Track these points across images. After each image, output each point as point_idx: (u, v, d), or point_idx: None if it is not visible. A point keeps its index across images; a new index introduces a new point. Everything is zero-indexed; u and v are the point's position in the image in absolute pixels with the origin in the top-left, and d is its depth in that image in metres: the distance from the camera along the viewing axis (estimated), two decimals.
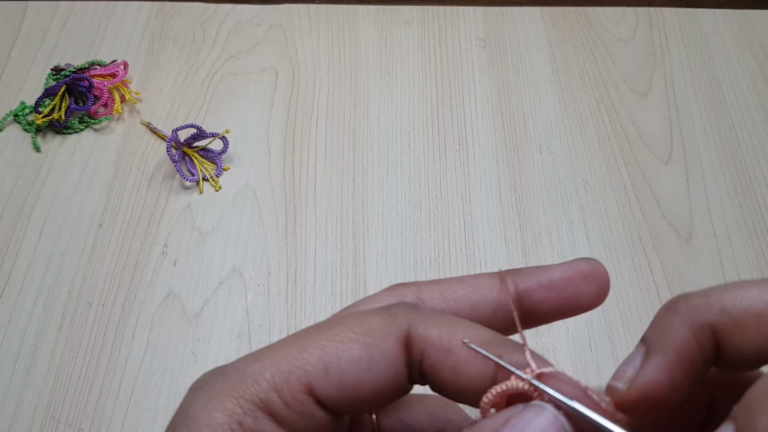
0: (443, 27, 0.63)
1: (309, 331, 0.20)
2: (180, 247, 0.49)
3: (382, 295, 0.22)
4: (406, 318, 0.20)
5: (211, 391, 0.19)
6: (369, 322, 0.20)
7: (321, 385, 0.19)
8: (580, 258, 0.23)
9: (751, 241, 0.50)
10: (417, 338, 0.19)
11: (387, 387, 0.19)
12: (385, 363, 0.19)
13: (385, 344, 0.19)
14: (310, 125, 0.56)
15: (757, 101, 0.59)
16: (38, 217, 0.51)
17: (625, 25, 0.64)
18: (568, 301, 0.22)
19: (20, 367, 0.44)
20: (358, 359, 0.19)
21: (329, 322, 0.20)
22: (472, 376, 0.19)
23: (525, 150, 0.55)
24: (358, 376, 0.19)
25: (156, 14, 0.63)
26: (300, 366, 0.19)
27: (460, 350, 0.19)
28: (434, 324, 0.20)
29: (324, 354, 0.19)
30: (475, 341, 0.19)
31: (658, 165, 0.54)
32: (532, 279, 0.22)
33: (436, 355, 0.19)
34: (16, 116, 0.56)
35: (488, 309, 0.22)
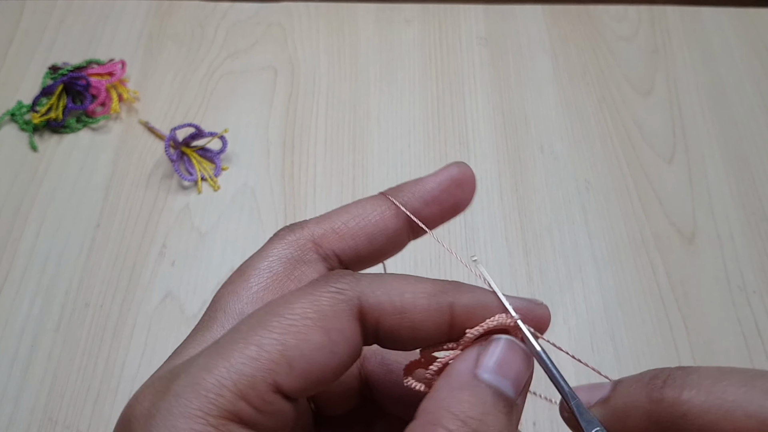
0: (444, 25, 0.63)
1: (256, 324, 0.19)
2: (178, 247, 0.49)
3: (274, 246, 0.22)
4: (354, 291, 0.20)
5: (170, 417, 0.17)
6: (320, 304, 0.19)
7: (287, 380, 0.18)
8: (451, 164, 0.24)
9: (754, 241, 0.50)
10: (370, 308, 0.20)
11: (348, 361, 0.20)
12: (344, 342, 0.19)
13: (342, 323, 0.19)
14: (309, 124, 0.56)
15: (761, 100, 0.58)
16: (35, 217, 0.50)
17: (627, 24, 0.63)
18: (448, 211, 0.24)
19: (17, 368, 0.44)
20: (320, 346, 0.19)
21: (274, 310, 0.19)
22: (430, 328, 0.20)
23: (526, 149, 0.55)
24: (322, 362, 0.19)
25: (154, 12, 0.63)
26: (263, 367, 0.18)
27: (413, 308, 0.20)
28: (382, 290, 0.20)
29: (284, 348, 0.18)
30: (425, 294, 0.20)
31: (660, 164, 0.54)
32: (416, 197, 0.23)
33: (392, 319, 0.20)
34: (13, 115, 0.55)
35: (383, 237, 0.23)
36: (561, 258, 0.49)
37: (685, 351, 0.45)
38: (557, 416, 0.21)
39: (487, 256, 0.49)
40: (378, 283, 0.20)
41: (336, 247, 0.23)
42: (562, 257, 0.49)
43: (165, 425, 0.17)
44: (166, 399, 0.18)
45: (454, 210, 0.24)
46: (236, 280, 0.22)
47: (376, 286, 0.20)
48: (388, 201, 0.23)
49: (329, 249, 0.23)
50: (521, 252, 0.49)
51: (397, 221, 0.23)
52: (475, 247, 0.50)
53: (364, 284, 0.20)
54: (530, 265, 0.49)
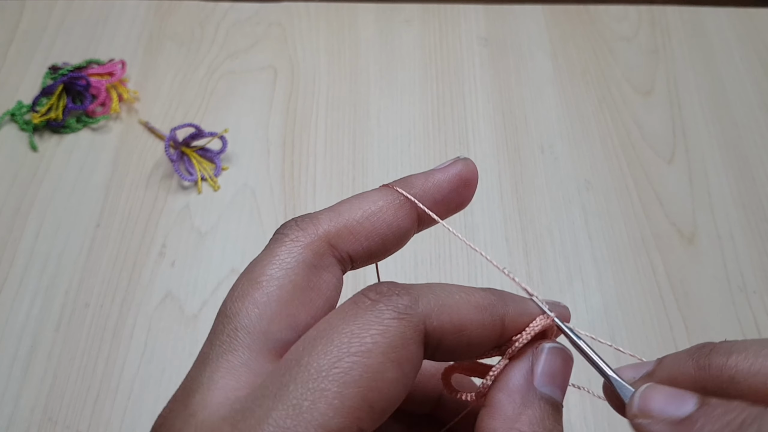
0: (444, 25, 0.63)
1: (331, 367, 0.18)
2: (178, 247, 0.49)
3: (288, 250, 0.21)
4: (418, 314, 0.19)
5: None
6: (389, 335, 0.18)
7: (368, 423, 0.18)
8: (456, 160, 0.24)
9: (754, 241, 0.50)
10: (434, 331, 0.20)
11: (412, 383, 0.20)
12: (413, 369, 0.19)
13: (411, 353, 0.19)
14: (309, 124, 0.56)
15: (761, 100, 0.58)
16: (35, 217, 0.50)
17: (627, 24, 0.63)
18: (454, 209, 0.24)
19: (17, 368, 0.44)
20: (395, 382, 0.18)
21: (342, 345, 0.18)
22: (485, 342, 0.20)
23: (526, 149, 0.55)
24: (397, 396, 0.19)
25: (154, 12, 0.63)
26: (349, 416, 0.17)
27: (471, 327, 0.20)
28: (444, 310, 0.20)
29: (365, 392, 0.18)
30: (479, 308, 0.20)
31: (660, 164, 0.54)
32: (428, 195, 0.23)
33: (452, 338, 0.20)
34: (13, 115, 0.55)
35: (396, 236, 0.23)
36: (561, 258, 0.49)
37: None
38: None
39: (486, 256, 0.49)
40: (436, 301, 0.20)
41: (351, 248, 0.22)
42: (562, 257, 0.49)
43: None
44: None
45: (457, 207, 0.24)
46: (250, 292, 0.20)
47: (435, 305, 0.20)
48: (398, 195, 0.23)
49: (344, 251, 0.22)
50: (521, 252, 0.49)
51: (410, 220, 0.23)
52: (475, 246, 0.50)
53: (424, 304, 0.19)
54: (530, 265, 0.49)
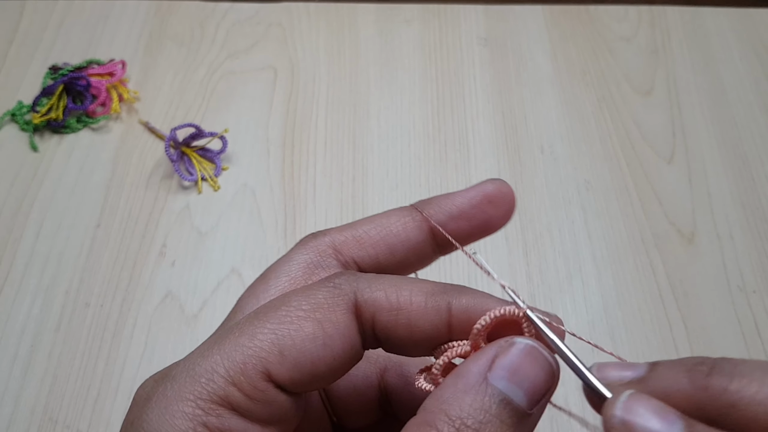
0: (444, 25, 0.63)
1: (253, 317, 0.19)
2: (178, 247, 0.49)
3: (295, 252, 0.22)
4: (351, 286, 0.20)
5: (164, 400, 0.18)
6: (315, 297, 0.19)
7: (278, 369, 0.18)
8: (487, 180, 0.23)
9: (753, 241, 0.50)
10: (365, 303, 0.19)
11: (343, 358, 0.19)
12: (339, 335, 0.19)
13: (336, 316, 0.19)
14: (309, 124, 0.56)
15: (760, 100, 0.58)
16: (35, 218, 0.50)
17: (627, 24, 0.63)
18: (478, 228, 0.23)
19: (18, 368, 0.44)
20: (312, 336, 0.19)
21: (272, 304, 0.20)
22: (427, 328, 0.19)
23: (526, 149, 0.55)
24: (314, 353, 0.19)
25: (154, 13, 0.63)
26: (254, 354, 0.18)
27: (409, 306, 0.19)
28: (379, 286, 0.20)
29: (276, 337, 0.18)
30: (422, 292, 0.20)
31: (660, 164, 0.54)
32: (443, 210, 0.23)
33: (387, 316, 0.19)
34: (14, 115, 0.55)
35: (404, 248, 0.23)
36: (561, 258, 0.49)
37: (685, 350, 0.45)
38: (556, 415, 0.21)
39: (486, 256, 0.49)
40: (376, 281, 0.20)
41: (355, 254, 0.22)
42: (562, 257, 0.49)
43: (159, 406, 0.18)
44: (163, 383, 0.18)
45: (485, 227, 0.23)
46: (257, 285, 0.22)
47: (374, 282, 0.20)
48: (414, 212, 0.23)
49: (349, 256, 0.22)
50: (521, 252, 0.49)
51: (420, 233, 0.23)
52: (475, 246, 0.50)
53: (362, 281, 0.20)
54: (530, 265, 0.49)
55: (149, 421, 0.18)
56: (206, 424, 0.18)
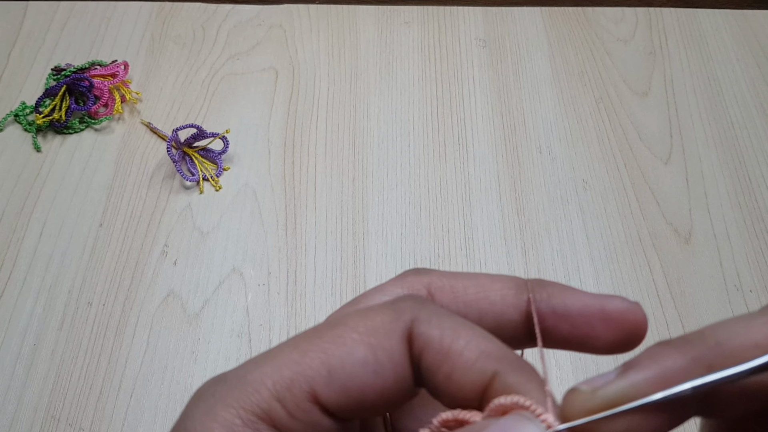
0: (443, 27, 0.63)
1: (310, 334, 0.19)
2: (180, 246, 0.49)
3: (391, 285, 0.21)
4: (411, 314, 0.19)
5: (210, 401, 0.18)
6: (372, 320, 0.18)
7: (325, 391, 0.18)
8: (616, 296, 0.19)
9: (750, 241, 0.51)
10: (418, 336, 0.18)
11: (394, 389, 0.18)
12: (391, 363, 0.18)
13: (390, 343, 0.18)
14: (310, 125, 0.56)
15: (757, 101, 0.59)
16: (39, 217, 0.51)
17: (624, 25, 0.64)
18: (576, 340, 0.20)
19: (21, 366, 0.44)
20: (362, 362, 0.18)
21: (331, 322, 0.19)
22: (465, 386, 0.18)
23: (525, 150, 0.55)
24: (364, 379, 0.18)
25: (156, 14, 0.63)
26: (302, 372, 0.18)
27: (458, 357, 0.18)
28: (438, 324, 0.18)
29: (326, 357, 0.18)
30: (476, 351, 0.18)
31: (657, 165, 0.54)
32: (549, 303, 0.20)
33: (433, 358, 0.18)
34: (17, 116, 0.56)
35: (493, 320, 0.20)
36: (559, 257, 0.49)
37: None
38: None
39: (485, 256, 0.50)
40: (438, 317, 0.19)
41: (445, 304, 0.21)
42: (560, 256, 0.49)
43: (205, 406, 0.18)
44: (216, 384, 0.18)
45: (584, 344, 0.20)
46: (346, 307, 0.21)
47: (435, 317, 0.18)
48: (520, 287, 0.20)
49: (439, 303, 0.21)
50: (520, 251, 0.50)
51: (515, 312, 0.20)
52: (474, 246, 0.50)
53: (424, 312, 0.19)
54: (528, 264, 0.49)
55: (192, 418, 0.18)
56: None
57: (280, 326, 0.46)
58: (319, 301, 0.47)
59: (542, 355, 0.19)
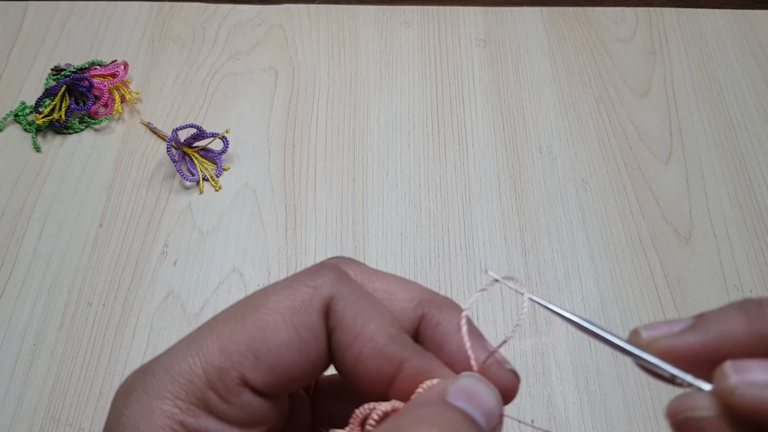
0: (443, 27, 0.63)
1: (232, 316, 0.19)
2: (180, 246, 0.49)
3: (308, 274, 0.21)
4: (329, 290, 0.19)
5: (144, 395, 0.18)
6: (293, 298, 0.19)
7: (254, 374, 0.18)
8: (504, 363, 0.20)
9: (750, 241, 0.51)
10: (333, 314, 0.19)
11: (316, 363, 0.19)
12: (313, 340, 0.19)
13: (311, 320, 0.19)
14: (310, 125, 0.56)
15: (757, 101, 0.59)
16: (38, 217, 0.51)
17: (624, 25, 0.64)
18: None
19: (20, 366, 0.44)
20: (287, 342, 0.19)
21: (251, 302, 0.19)
22: (371, 369, 0.19)
23: (525, 150, 0.55)
24: (290, 358, 0.19)
25: (156, 14, 0.63)
26: (230, 359, 0.18)
27: (367, 340, 0.19)
28: (353, 305, 0.19)
29: (252, 343, 0.19)
30: (386, 335, 0.19)
31: (657, 165, 0.54)
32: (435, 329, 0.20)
33: (344, 337, 0.19)
34: (17, 116, 0.56)
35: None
36: (559, 257, 0.49)
37: None
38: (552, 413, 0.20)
39: (486, 256, 0.50)
40: (356, 297, 0.19)
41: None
42: (560, 256, 0.49)
43: (138, 401, 0.18)
44: (142, 379, 0.19)
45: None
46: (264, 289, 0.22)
47: (353, 298, 0.19)
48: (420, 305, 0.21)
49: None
50: (520, 251, 0.50)
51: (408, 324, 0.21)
52: (474, 246, 0.50)
53: (344, 289, 0.19)
54: (528, 264, 0.49)
55: (129, 415, 0.18)
56: (183, 423, 0.18)
57: None
58: None
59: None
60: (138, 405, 0.18)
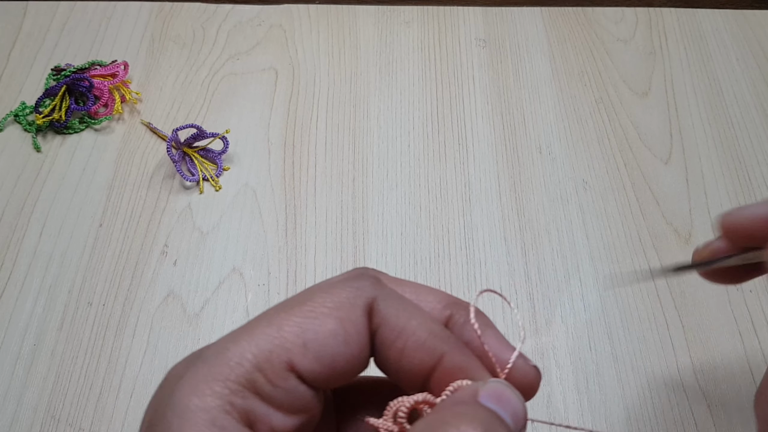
0: (443, 27, 0.63)
1: (281, 310, 0.20)
2: (180, 246, 0.49)
3: (341, 281, 0.23)
4: (371, 292, 0.21)
5: (196, 377, 0.19)
6: (338, 296, 0.20)
7: (301, 360, 0.19)
8: (521, 356, 0.22)
9: None
10: (377, 313, 0.21)
11: (359, 358, 0.20)
12: (357, 335, 0.20)
13: (355, 316, 0.20)
14: (310, 125, 0.56)
15: (757, 101, 0.59)
16: (38, 217, 0.51)
17: (624, 25, 0.64)
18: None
19: (20, 366, 0.44)
20: (333, 333, 0.20)
21: (297, 299, 0.21)
22: (414, 361, 0.20)
23: (525, 150, 0.55)
24: (335, 349, 0.20)
25: (156, 14, 0.63)
26: (280, 344, 0.19)
27: (411, 335, 0.20)
28: (395, 304, 0.21)
29: (301, 330, 0.20)
30: (426, 331, 0.20)
31: (657, 165, 0.54)
32: (464, 330, 0.22)
33: (388, 334, 0.20)
34: (17, 116, 0.56)
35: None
36: (559, 257, 0.49)
37: (682, 349, 0.45)
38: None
39: (485, 256, 0.50)
40: (395, 297, 0.21)
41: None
42: (560, 256, 0.49)
43: (190, 384, 0.19)
44: (195, 363, 0.20)
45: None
46: (301, 293, 0.23)
47: (393, 299, 0.21)
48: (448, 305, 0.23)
49: None
50: (520, 251, 0.50)
51: None
52: (474, 246, 0.50)
53: (384, 291, 0.21)
54: (528, 264, 0.49)
55: (180, 396, 0.19)
56: (232, 403, 0.19)
57: None
58: None
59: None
60: (189, 387, 0.19)
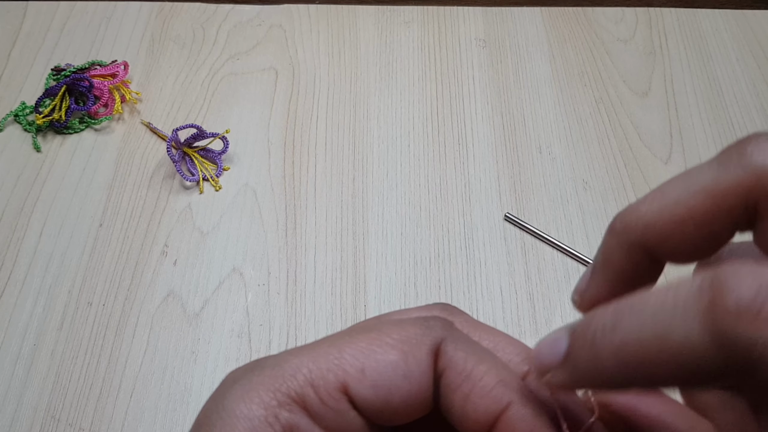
0: (443, 27, 0.63)
1: (347, 334, 0.20)
2: (180, 246, 0.49)
3: (417, 311, 0.23)
4: (440, 332, 0.20)
5: (249, 384, 0.19)
6: (406, 331, 0.20)
7: (357, 386, 0.19)
8: None
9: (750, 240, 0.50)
10: (444, 354, 0.20)
11: (418, 397, 0.20)
12: (419, 372, 0.19)
13: (420, 353, 0.19)
14: (310, 125, 0.56)
15: (756, 101, 0.59)
16: (39, 217, 0.51)
17: (624, 25, 0.64)
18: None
19: (20, 366, 0.44)
20: (394, 365, 0.19)
21: (365, 327, 0.20)
22: (479, 409, 0.19)
23: (525, 150, 0.55)
24: (394, 381, 0.19)
25: (156, 14, 0.63)
26: (338, 365, 0.19)
27: (478, 380, 0.19)
28: (464, 348, 0.20)
29: (362, 355, 0.19)
30: (495, 378, 0.19)
31: (657, 165, 0.54)
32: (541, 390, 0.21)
33: (455, 377, 0.20)
34: (17, 116, 0.56)
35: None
36: (559, 258, 0.49)
37: None
38: None
39: (485, 256, 0.50)
40: (465, 341, 0.20)
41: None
42: (560, 257, 0.49)
43: (242, 389, 0.19)
44: (252, 370, 0.20)
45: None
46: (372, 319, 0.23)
47: (463, 342, 0.20)
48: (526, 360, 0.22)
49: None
50: (520, 251, 0.50)
51: None
52: (474, 246, 0.50)
53: (453, 334, 0.20)
54: (528, 264, 0.49)
55: (230, 400, 0.19)
56: (278, 416, 0.19)
57: (280, 326, 0.46)
58: (319, 301, 0.47)
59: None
60: (240, 392, 0.19)
